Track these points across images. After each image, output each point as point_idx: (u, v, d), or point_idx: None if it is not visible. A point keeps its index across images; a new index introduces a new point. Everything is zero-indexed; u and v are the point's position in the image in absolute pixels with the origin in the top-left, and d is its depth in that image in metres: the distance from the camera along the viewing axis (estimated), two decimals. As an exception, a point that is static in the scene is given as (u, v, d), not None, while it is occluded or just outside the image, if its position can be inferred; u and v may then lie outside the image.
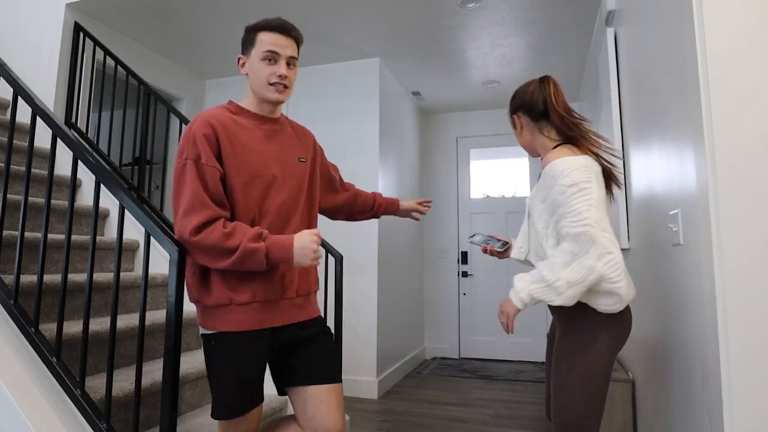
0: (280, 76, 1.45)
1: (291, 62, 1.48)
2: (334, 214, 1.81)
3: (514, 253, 1.77)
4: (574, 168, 1.47)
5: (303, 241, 1.34)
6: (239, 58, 1.53)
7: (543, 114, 1.60)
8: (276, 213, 1.46)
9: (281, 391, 1.52)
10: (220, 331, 1.39)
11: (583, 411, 1.51)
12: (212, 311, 1.41)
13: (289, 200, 1.50)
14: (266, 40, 1.44)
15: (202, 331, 1.44)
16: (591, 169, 1.49)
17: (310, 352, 1.49)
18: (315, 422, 1.42)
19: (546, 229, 1.56)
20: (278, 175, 1.48)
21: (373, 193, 1.89)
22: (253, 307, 1.41)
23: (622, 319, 1.54)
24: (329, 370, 1.49)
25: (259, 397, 1.45)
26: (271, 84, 1.46)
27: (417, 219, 1.96)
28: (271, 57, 1.44)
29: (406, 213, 1.94)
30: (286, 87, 1.48)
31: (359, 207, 1.84)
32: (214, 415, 1.40)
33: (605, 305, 1.48)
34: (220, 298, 1.39)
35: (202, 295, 1.42)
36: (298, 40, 1.52)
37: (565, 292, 1.43)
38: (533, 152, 1.71)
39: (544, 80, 1.63)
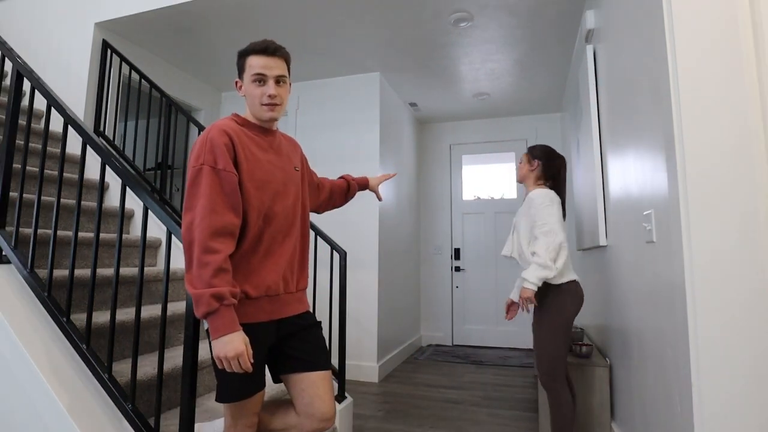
0: (270, 96, 1.42)
1: (280, 80, 1.44)
2: (317, 210, 1.83)
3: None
4: (543, 196, 2.11)
5: (234, 345, 1.23)
6: (236, 82, 1.50)
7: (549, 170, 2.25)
8: (282, 218, 1.45)
9: (276, 379, 1.51)
10: None
11: (552, 358, 2.02)
12: None
13: (291, 207, 1.49)
14: (254, 64, 1.42)
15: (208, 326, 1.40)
16: (551, 197, 2.12)
17: (307, 341, 1.49)
18: (312, 408, 1.42)
19: (527, 234, 2.17)
20: (282, 182, 1.47)
21: (342, 178, 1.88)
22: (263, 301, 1.40)
23: (572, 289, 2.07)
24: (323, 357, 1.50)
25: (263, 382, 1.43)
26: (263, 104, 1.43)
27: (379, 199, 1.97)
28: (260, 79, 1.42)
29: (373, 189, 1.95)
30: (277, 104, 1.45)
31: (338, 197, 1.85)
32: (220, 399, 1.36)
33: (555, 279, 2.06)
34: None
35: None
36: (285, 59, 1.47)
37: (551, 266, 2.00)
38: (521, 179, 2.31)
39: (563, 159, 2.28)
